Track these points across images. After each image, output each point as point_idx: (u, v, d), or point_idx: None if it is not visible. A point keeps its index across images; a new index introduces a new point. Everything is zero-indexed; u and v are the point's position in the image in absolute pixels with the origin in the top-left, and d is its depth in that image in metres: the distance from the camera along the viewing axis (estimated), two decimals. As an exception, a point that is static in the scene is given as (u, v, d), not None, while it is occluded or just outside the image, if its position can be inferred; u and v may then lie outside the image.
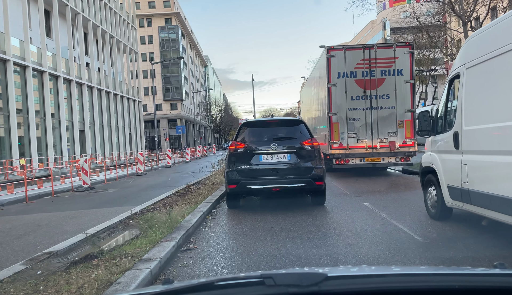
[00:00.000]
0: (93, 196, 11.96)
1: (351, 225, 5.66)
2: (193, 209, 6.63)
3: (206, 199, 7.86)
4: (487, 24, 4.81)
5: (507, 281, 1.12)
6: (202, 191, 9.36)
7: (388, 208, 6.84)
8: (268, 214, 6.70)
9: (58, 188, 14.44)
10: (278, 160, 6.85)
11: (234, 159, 6.98)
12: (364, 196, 8.40)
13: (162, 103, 64.68)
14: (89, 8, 32.61)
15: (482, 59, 4.58)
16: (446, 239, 4.78)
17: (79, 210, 8.96)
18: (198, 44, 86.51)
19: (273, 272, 1.10)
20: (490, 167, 4.42)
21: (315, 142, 7.04)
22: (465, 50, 5.15)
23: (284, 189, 6.91)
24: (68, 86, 28.53)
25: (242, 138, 7.12)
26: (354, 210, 6.82)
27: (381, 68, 11.65)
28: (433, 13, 33.14)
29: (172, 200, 8.45)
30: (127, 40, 41.20)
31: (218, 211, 7.35)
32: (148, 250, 4.13)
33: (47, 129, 25.10)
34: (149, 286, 3.29)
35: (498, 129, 4.20)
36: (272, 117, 8.10)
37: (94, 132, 32.02)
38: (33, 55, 24.39)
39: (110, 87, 35.25)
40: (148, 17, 64.63)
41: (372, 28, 74.82)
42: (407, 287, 1.09)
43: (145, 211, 7.18)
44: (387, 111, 11.51)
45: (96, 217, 7.67)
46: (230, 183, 6.98)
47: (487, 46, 4.51)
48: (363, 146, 11.51)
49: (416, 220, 5.86)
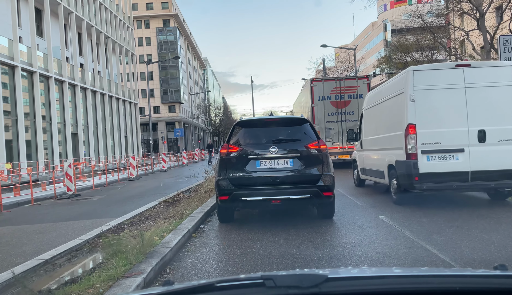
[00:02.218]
0: (75, 205, 10.85)
1: (369, 248, 4.56)
2: (176, 225, 5.52)
3: (195, 211, 6.75)
4: (372, 91, 10.18)
5: (507, 283, 1.11)
6: (192, 200, 8.26)
7: (410, 223, 5.74)
8: (267, 232, 5.59)
9: (40, 194, 13.34)
10: (279, 166, 5.75)
11: (226, 165, 5.84)
12: (378, 207, 7.30)
13: (160, 106, 63.58)
14: (83, 7, 31.56)
15: (367, 107, 9.76)
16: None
17: (52, 222, 7.86)
18: (197, 46, 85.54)
19: (274, 273, 1.09)
20: (370, 156, 9.37)
21: (322, 145, 5.91)
22: (364, 101, 10.52)
23: (286, 201, 5.76)
24: (60, 88, 27.45)
25: (236, 141, 5.99)
26: (369, 226, 5.72)
27: (348, 93, 16.69)
28: (435, 14, 32.18)
29: (156, 212, 7.35)
30: (123, 41, 40.16)
31: (207, 227, 6.23)
32: (103, 292, 3.05)
33: (37, 132, 23.99)
34: (149, 288, 3.24)
35: (371, 139, 9.21)
36: (272, 115, 6.68)
37: (88, 135, 30.91)
38: (23, 55, 23.32)
39: (105, 89, 34.17)
40: (146, 19, 63.61)
41: (372, 29, 73.84)
42: (408, 288, 1.09)
43: (122, 226, 6.09)
44: (352, 123, 15.98)
45: (66, 233, 6.57)
46: (221, 194, 5.83)
47: (368, 102, 9.80)
48: (336, 147, 16.21)
49: (447, 239, 4.76)
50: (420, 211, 6.68)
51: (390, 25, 63.33)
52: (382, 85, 9.18)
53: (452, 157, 6.67)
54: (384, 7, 74.46)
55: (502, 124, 6.66)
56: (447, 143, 6.70)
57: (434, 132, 6.76)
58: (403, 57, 42.30)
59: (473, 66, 7.03)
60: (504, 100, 6.73)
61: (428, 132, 6.76)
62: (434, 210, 6.73)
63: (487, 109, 6.72)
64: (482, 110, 6.71)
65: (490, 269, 1.25)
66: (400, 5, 68.91)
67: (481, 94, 6.72)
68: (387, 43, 60.61)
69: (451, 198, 8.08)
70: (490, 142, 6.62)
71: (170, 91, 64.33)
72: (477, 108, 6.71)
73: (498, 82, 6.76)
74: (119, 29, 39.45)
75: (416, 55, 40.83)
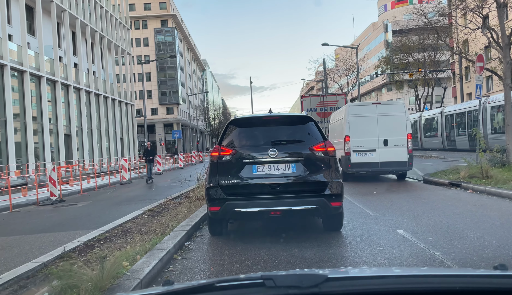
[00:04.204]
0: (55, 212, 9.89)
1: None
2: (154, 244, 4.56)
3: (181, 224, 5.78)
4: (334, 112, 15.73)
5: (507, 283, 1.12)
6: (181, 209, 7.31)
7: (438, 240, 4.80)
8: (266, 251, 4.61)
9: (22, 200, 12.40)
10: (279, 172, 4.97)
11: (217, 171, 5.02)
12: (395, 219, 6.37)
13: (158, 107, 62.62)
14: (77, 5, 30.62)
15: (331, 123, 14.80)
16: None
17: (20, 235, 6.90)
18: (195, 47, 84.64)
19: (273, 273, 1.09)
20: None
21: (330, 147, 5.11)
22: (330, 118, 15.43)
23: (287, 213, 4.92)
24: (53, 88, 26.49)
25: (230, 142, 5.17)
26: (387, 243, 4.79)
27: (329, 106, 21.16)
28: (439, 14, 31.30)
29: (138, 223, 6.39)
30: (119, 41, 39.22)
31: (194, 244, 5.25)
32: None
33: (27, 134, 23.01)
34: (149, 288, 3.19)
35: (338, 142, 12.27)
36: (271, 113, 5.77)
37: (81, 137, 29.93)
38: (12, 53, 22.39)
39: (100, 90, 33.21)
40: (144, 19, 62.70)
41: (373, 30, 72.99)
42: (408, 288, 1.09)
43: (93, 242, 5.13)
44: None
45: (30, 250, 5.61)
46: (211, 204, 5.02)
47: (331, 120, 14.79)
48: None
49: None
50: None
51: (391, 26, 62.45)
52: (336, 111, 15.24)
53: (369, 154, 11.47)
54: (384, 8, 73.59)
55: (396, 136, 11.35)
56: (366, 146, 11.48)
57: (359, 140, 11.48)
58: (405, 57, 41.44)
59: (382, 104, 12.33)
60: (397, 123, 11.39)
61: (356, 140, 11.50)
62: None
63: (388, 128, 11.38)
64: (386, 128, 11.39)
65: (490, 269, 1.26)
66: (401, 5, 68.10)
67: (385, 119, 11.44)
68: (388, 44, 59.70)
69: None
70: (390, 146, 11.35)
71: (168, 93, 63.37)
72: (383, 127, 11.40)
73: (394, 113, 11.54)
74: (115, 29, 38.51)
75: (419, 56, 39.95)
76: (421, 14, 29.32)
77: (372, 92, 69.43)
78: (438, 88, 42.50)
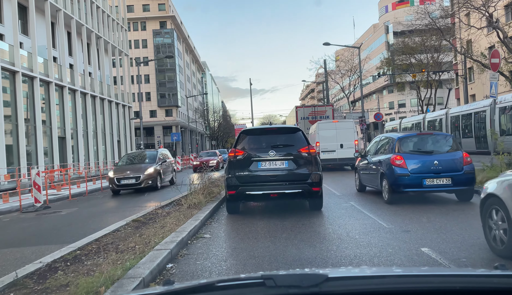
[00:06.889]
0: (35, 221, 9.09)
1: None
2: (127, 269, 3.74)
3: (165, 240, 4.96)
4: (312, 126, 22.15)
5: (507, 282, 1.11)
6: (169, 220, 6.50)
7: (472, 258, 3.99)
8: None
9: (5, 207, 11.62)
10: (276, 167, 7.00)
11: (233, 166, 7.13)
12: (415, 234, 5.56)
13: (156, 110, 61.85)
14: (72, 5, 29.89)
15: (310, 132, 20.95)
16: None
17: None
18: (195, 49, 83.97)
19: (274, 273, 1.08)
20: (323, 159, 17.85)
21: (312, 149, 7.14)
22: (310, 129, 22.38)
23: (282, 195, 6.97)
24: (46, 89, 25.73)
25: (242, 146, 7.23)
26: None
27: (319, 115, 25.03)
28: (441, 15, 30.57)
29: (118, 238, 5.59)
30: (116, 42, 38.49)
31: (177, 267, 4.32)
32: None
33: (19, 136, 22.23)
34: (150, 287, 3.31)
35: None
36: (271, 125, 8.70)
37: (77, 140, 29.14)
38: (4, 53, 21.65)
39: (96, 91, 32.45)
40: (143, 20, 61.97)
41: (374, 32, 72.31)
42: (408, 288, 1.08)
43: (58, 264, 4.32)
44: None
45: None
46: (229, 189, 7.10)
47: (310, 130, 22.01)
48: None
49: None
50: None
51: (392, 27, 61.75)
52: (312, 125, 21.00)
53: (331, 153, 17.29)
54: (385, 9, 72.94)
55: (348, 141, 17.29)
56: (329, 148, 17.26)
57: (325, 145, 17.22)
58: (407, 58, 40.64)
59: (339, 122, 19.11)
60: (349, 133, 17.55)
61: (323, 145, 17.22)
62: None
63: (343, 137, 17.34)
64: (342, 137, 17.35)
65: (490, 269, 1.26)
66: (402, 6, 67.43)
67: (341, 132, 17.55)
68: (389, 46, 59.01)
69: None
70: (344, 148, 17.20)
71: (167, 95, 62.63)
72: (340, 137, 17.38)
73: (347, 128, 17.86)
74: (112, 30, 37.78)
75: (421, 57, 39.17)
76: (425, 14, 28.62)
77: (373, 94, 68.60)
78: (441, 90, 41.69)
